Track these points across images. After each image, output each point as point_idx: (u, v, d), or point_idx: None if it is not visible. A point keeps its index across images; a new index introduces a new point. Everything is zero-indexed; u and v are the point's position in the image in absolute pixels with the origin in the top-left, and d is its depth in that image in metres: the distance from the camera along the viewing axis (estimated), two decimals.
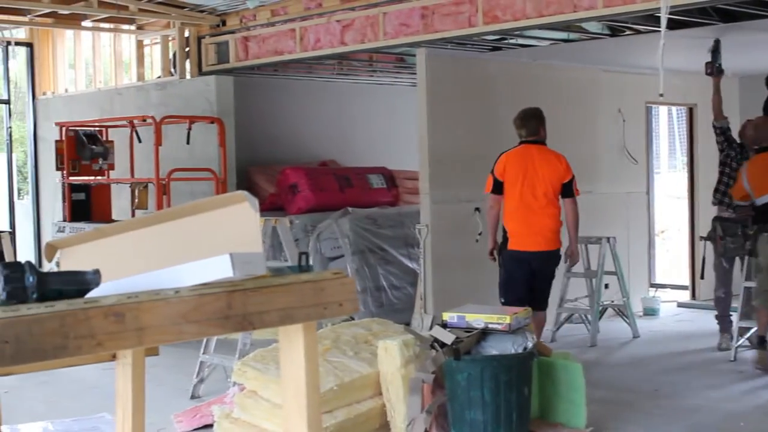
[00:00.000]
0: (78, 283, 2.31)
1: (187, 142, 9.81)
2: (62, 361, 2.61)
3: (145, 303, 2.31)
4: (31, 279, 2.19)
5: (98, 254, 2.83)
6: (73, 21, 10.93)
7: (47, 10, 10.00)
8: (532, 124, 7.35)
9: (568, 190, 7.20)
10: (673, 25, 6.83)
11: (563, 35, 9.22)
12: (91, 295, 2.33)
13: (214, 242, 2.63)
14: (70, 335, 2.17)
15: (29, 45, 12.69)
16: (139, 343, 2.32)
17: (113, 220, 10.33)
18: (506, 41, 9.53)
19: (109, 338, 2.24)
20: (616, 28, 8.83)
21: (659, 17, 6.71)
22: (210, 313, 2.43)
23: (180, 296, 2.38)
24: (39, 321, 2.12)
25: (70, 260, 2.86)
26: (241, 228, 2.65)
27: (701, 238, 9.47)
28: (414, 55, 9.56)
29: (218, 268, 2.43)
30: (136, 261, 2.72)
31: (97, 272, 2.34)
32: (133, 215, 10.14)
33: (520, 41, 9.46)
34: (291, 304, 2.64)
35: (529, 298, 6.92)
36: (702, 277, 9.51)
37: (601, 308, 9.20)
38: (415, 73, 9.64)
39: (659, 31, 6.28)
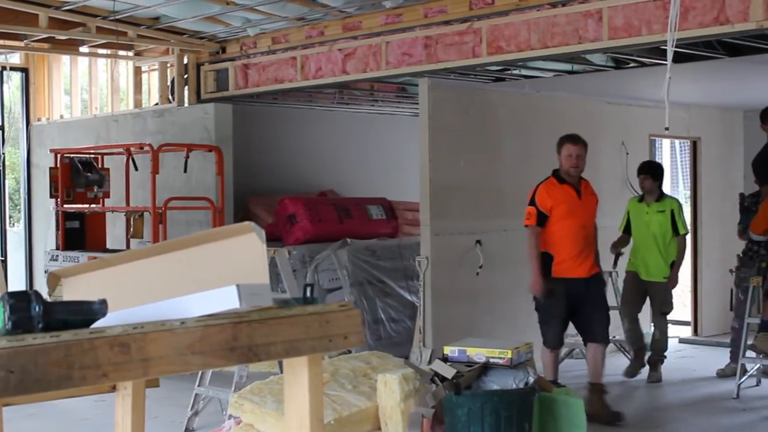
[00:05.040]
0: (84, 313, 2.33)
1: (185, 171, 9.84)
2: (62, 392, 2.63)
3: (150, 334, 2.33)
4: (37, 308, 2.21)
5: (102, 284, 2.86)
6: (69, 46, 10.99)
7: (44, 35, 10.05)
8: None
9: None
10: (678, 58, 6.90)
11: (567, 67, 9.29)
12: (96, 325, 2.35)
13: (221, 273, 2.66)
14: (75, 365, 2.19)
15: (24, 70, 12.75)
16: (144, 374, 2.34)
17: (108, 249, 10.34)
18: (509, 72, 9.61)
19: (115, 369, 2.27)
20: (620, 60, 8.91)
21: (664, 50, 6.79)
22: (215, 344, 2.46)
23: (186, 327, 2.40)
24: (44, 351, 2.14)
25: (74, 290, 2.88)
26: (247, 259, 2.68)
27: (730, 270, 9.57)
28: (416, 85, 9.63)
29: (225, 299, 2.46)
30: (142, 291, 2.75)
31: (103, 302, 2.36)
32: (128, 244, 10.15)
33: (524, 72, 9.53)
34: (296, 336, 2.67)
35: None
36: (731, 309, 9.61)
37: None
38: (416, 103, 9.71)
39: (663, 64, 6.34)
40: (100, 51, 11.37)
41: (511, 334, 8.18)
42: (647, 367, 8.97)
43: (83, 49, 11.11)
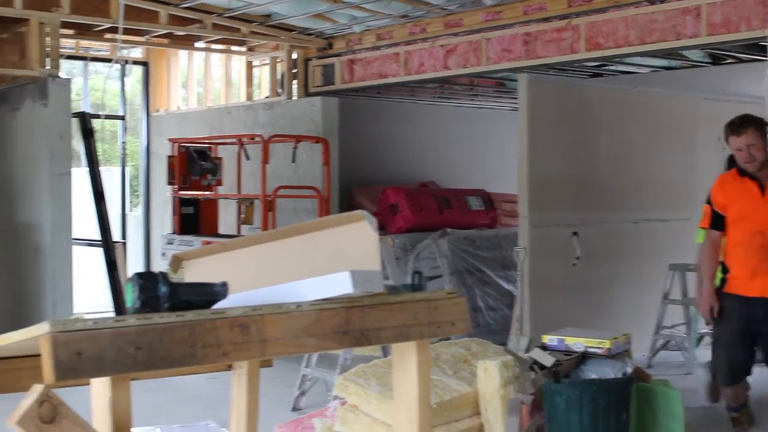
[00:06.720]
0: (206, 295, 2.35)
1: (293, 161, 9.92)
2: (181, 369, 2.65)
3: (268, 316, 2.34)
4: (163, 289, 2.24)
5: (222, 267, 2.88)
6: (187, 42, 11.19)
7: (164, 31, 10.26)
8: None
9: None
10: None
11: (664, 63, 9.10)
12: (217, 306, 2.36)
13: (334, 259, 2.65)
14: (197, 344, 2.20)
15: (145, 64, 13.01)
16: (261, 354, 2.35)
17: (220, 234, 10.49)
18: (607, 68, 9.46)
19: (234, 348, 2.28)
20: (717, 55, 8.68)
21: (763, 46, 6.58)
22: (329, 327, 2.46)
23: (301, 310, 2.41)
24: (169, 330, 2.16)
25: (195, 272, 2.91)
26: (360, 246, 2.67)
27: None
28: (514, 80, 9.54)
29: (339, 285, 2.45)
30: (259, 275, 2.76)
31: (224, 284, 2.38)
32: (239, 230, 10.28)
33: (621, 68, 9.37)
34: (406, 322, 2.65)
35: None
36: None
37: (698, 336, 8.98)
38: (514, 98, 9.61)
39: (762, 59, 6.16)
40: (215, 46, 11.54)
41: (607, 325, 8.03)
42: None
43: (199, 44, 11.30)
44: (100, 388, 2.18)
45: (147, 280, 2.22)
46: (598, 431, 5.21)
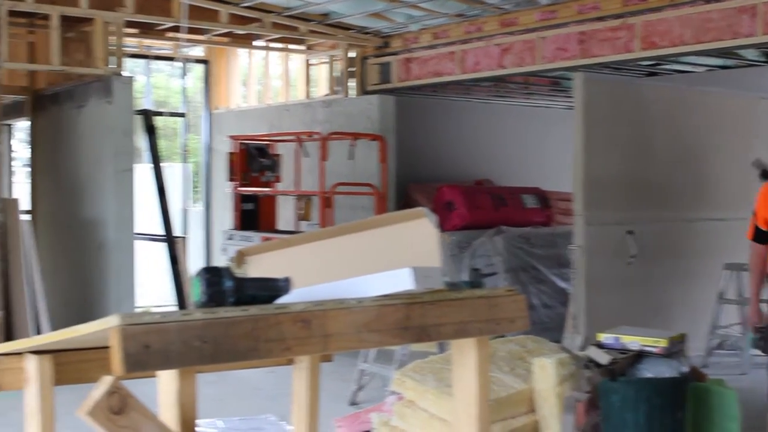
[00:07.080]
0: (270, 290, 2.35)
1: (350, 158, 9.93)
2: (244, 363, 2.66)
3: (330, 311, 2.33)
4: (229, 284, 2.25)
5: (284, 263, 2.88)
6: (246, 40, 11.26)
7: (224, 30, 10.33)
8: None
9: None
10: None
11: (720, 62, 8.96)
12: (279, 301, 2.37)
13: (395, 255, 2.65)
14: (261, 338, 2.21)
15: (205, 62, 13.11)
16: (323, 349, 2.35)
17: (279, 230, 10.54)
18: (662, 66, 9.34)
19: (297, 343, 2.28)
20: None
21: None
22: (390, 323, 2.45)
23: (363, 306, 2.40)
24: (234, 324, 2.17)
25: (258, 267, 2.92)
26: (420, 243, 2.66)
27: None
28: (569, 79, 9.46)
29: (400, 281, 2.44)
30: (321, 270, 2.76)
31: (287, 280, 2.38)
32: (297, 226, 10.32)
33: (676, 67, 9.25)
34: (466, 318, 2.64)
35: None
36: None
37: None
38: (569, 96, 9.52)
39: None
40: (274, 45, 11.60)
41: (662, 324, 7.94)
42: None
43: (259, 43, 11.37)
44: (167, 380, 2.19)
45: (213, 275, 2.23)
46: (654, 430, 5.14)
